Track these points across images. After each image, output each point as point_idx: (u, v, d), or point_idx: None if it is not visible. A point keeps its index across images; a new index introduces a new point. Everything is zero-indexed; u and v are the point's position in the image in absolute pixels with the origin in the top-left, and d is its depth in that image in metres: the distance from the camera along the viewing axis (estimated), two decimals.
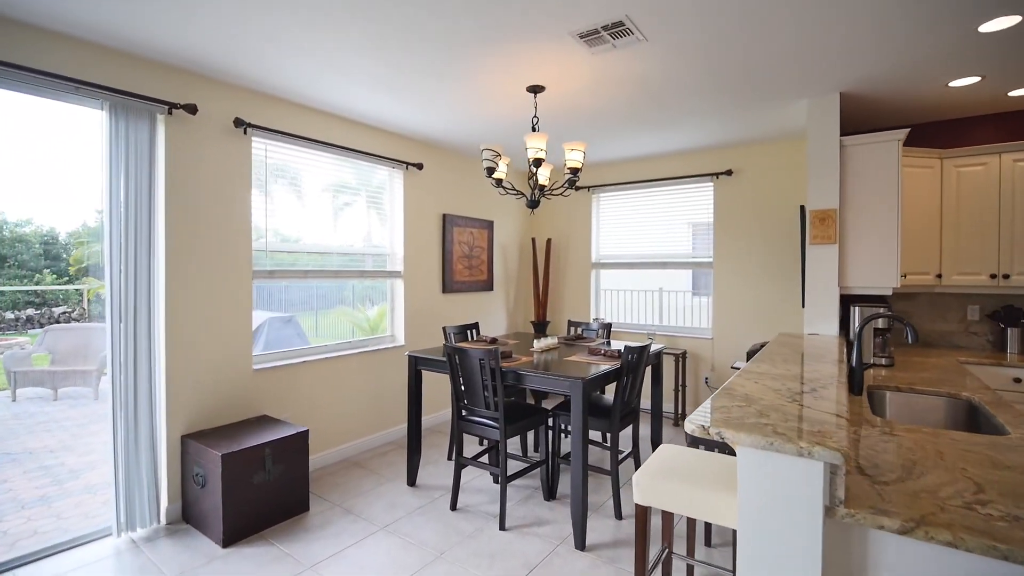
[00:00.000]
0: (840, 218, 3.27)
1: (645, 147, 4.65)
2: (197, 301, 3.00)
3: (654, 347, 3.70)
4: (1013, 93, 3.22)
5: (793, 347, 2.77)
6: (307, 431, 3.03)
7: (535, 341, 3.51)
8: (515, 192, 3.23)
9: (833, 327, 3.30)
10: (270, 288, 3.76)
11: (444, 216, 4.71)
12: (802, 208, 3.48)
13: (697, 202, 4.90)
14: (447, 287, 4.74)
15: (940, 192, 3.55)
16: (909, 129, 3.08)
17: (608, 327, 4.17)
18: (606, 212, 5.48)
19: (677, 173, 4.94)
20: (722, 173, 4.66)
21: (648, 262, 5.24)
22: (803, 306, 3.49)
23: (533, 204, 3.08)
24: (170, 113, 2.84)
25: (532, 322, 5.59)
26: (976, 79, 2.98)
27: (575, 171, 2.96)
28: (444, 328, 3.88)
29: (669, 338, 5.05)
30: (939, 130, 3.79)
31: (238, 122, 3.12)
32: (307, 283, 3.85)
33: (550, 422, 3.31)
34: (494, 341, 3.77)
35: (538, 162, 2.87)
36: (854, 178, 3.26)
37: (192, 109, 2.89)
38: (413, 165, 4.32)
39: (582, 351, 3.45)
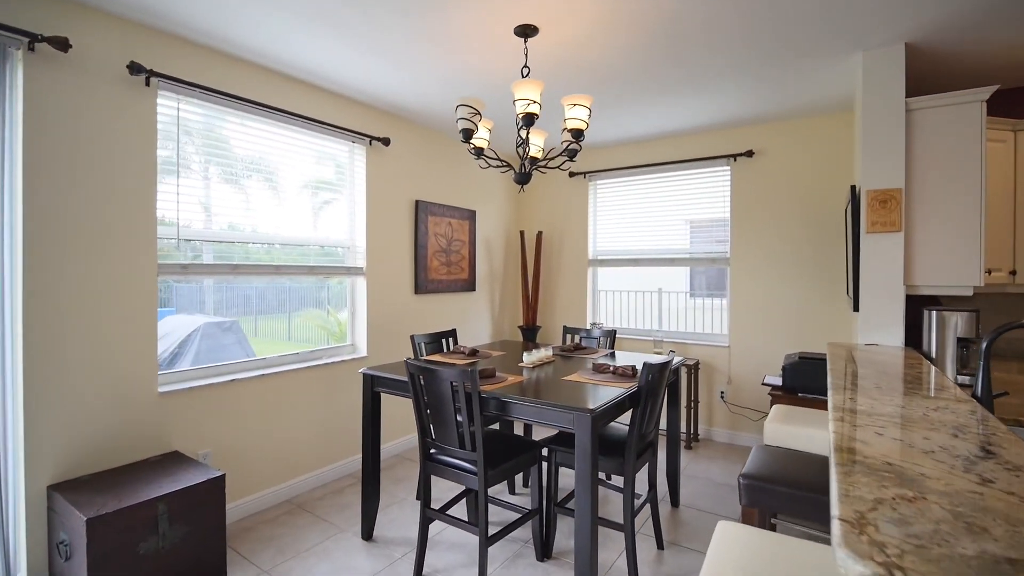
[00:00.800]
0: (905, 200, 2.62)
1: (653, 124, 3.98)
2: (72, 304, 2.23)
3: (675, 360, 3.02)
4: None
5: (873, 365, 2.09)
6: (222, 476, 2.27)
7: (525, 354, 2.80)
8: (500, 163, 2.51)
9: (898, 336, 2.64)
10: (223, 288, 3.02)
11: (417, 203, 3.99)
12: (853, 188, 2.83)
13: (711, 189, 4.24)
14: (420, 287, 4.01)
15: (1014, 171, 2.92)
16: (997, 87, 2.44)
17: (612, 335, 3.48)
18: (605, 202, 4.80)
19: (688, 155, 4.28)
20: (741, 154, 4.00)
21: (654, 258, 4.56)
22: (855, 309, 2.84)
23: (523, 179, 2.38)
24: (31, 49, 2.08)
25: (520, 327, 4.88)
26: None
27: (578, 134, 2.26)
28: (412, 338, 3.15)
29: (679, 346, 4.37)
30: (1018, 97, 3.15)
31: (135, 68, 2.37)
32: (253, 281, 3.10)
33: (544, 456, 2.60)
34: (474, 353, 3.06)
35: (530, 119, 2.16)
36: (923, 150, 2.61)
37: (62, 44, 2.13)
38: (378, 140, 3.59)
39: (583, 366, 2.76)
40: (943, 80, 3.05)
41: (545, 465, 3.05)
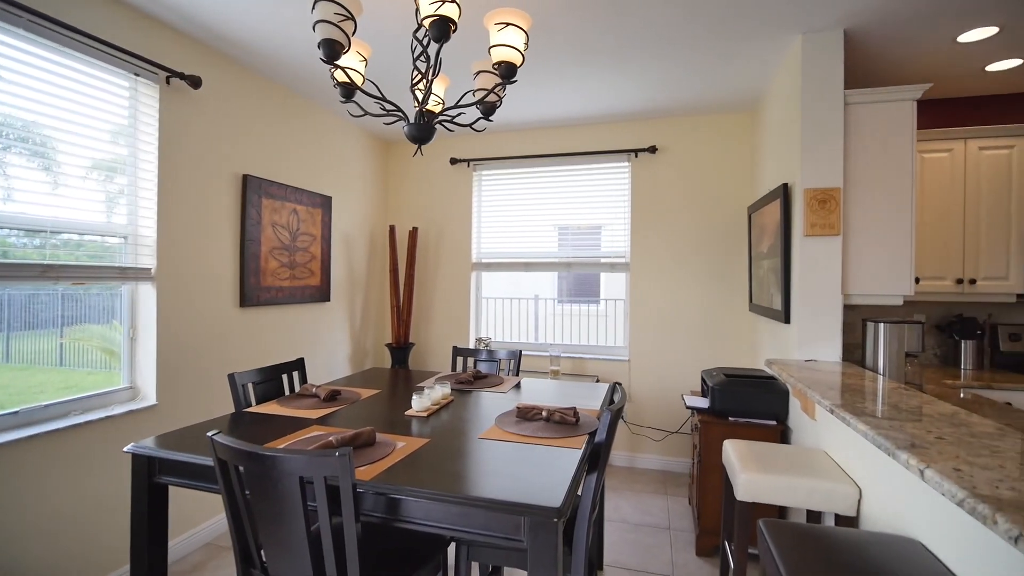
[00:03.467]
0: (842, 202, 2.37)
1: (550, 110, 3.39)
2: None
3: (599, 383, 2.42)
4: (991, 67, 2.69)
5: (825, 383, 1.68)
6: None
7: (414, 397, 1.93)
8: (385, 110, 1.63)
9: (836, 351, 2.38)
10: None
11: (246, 179, 2.83)
12: (785, 187, 2.55)
13: (610, 186, 3.82)
14: (249, 297, 2.85)
15: (964, 180, 2.91)
16: (931, 84, 2.30)
17: (518, 357, 2.77)
18: (493, 195, 4.11)
19: (586, 148, 3.80)
20: (643, 150, 3.64)
21: (547, 262, 3.99)
22: (786, 321, 2.54)
23: (420, 133, 1.53)
24: None
25: (389, 346, 3.93)
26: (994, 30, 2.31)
27: (508, 72, 1.49)
28: (233, 379, 2.05)
29: (576, 362, 3.86)
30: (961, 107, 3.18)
31: None
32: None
33: (451, 557, 1.77)
34: (334, 397, 2.09)
35: (442, 29, 1.33)
36: (858, 149, 2.40)
37: None
38: (181, 77, 2.39)
39: (499, 409, 1.99)
40: (883, 79, 2.92)
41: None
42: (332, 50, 1.38)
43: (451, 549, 2.47)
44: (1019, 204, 2.76)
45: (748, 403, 2.55)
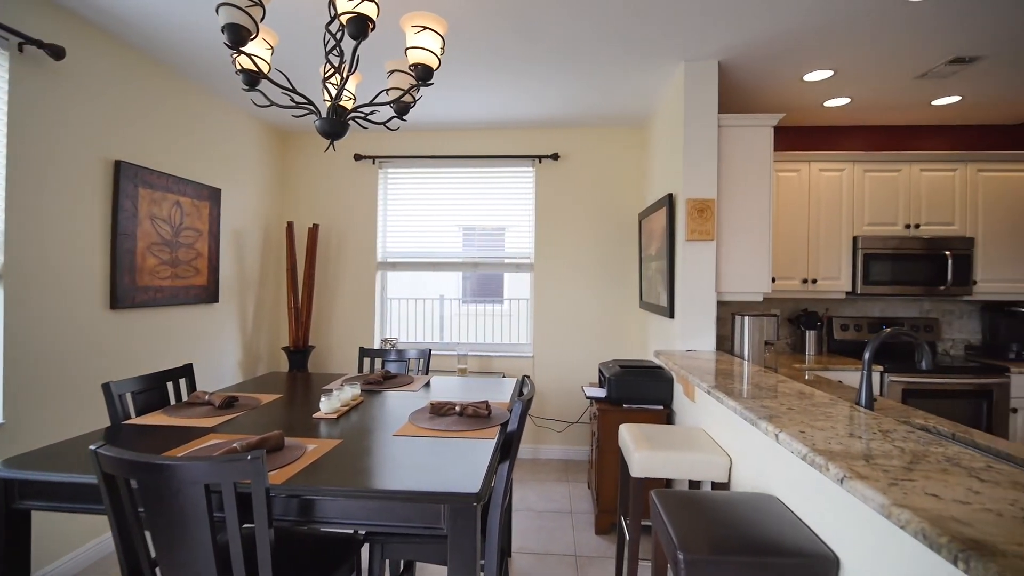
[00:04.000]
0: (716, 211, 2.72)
1: (459, 112, 3.45)
2: None
3: (505, 379, 2.52)
4: (828, 103, 3.24)
5: (703, 369, 1.95)
6: None
7: (323, 398, 1.88)
8: (296, 102, 1.57)
9: (710, 341, 2.72)
10: None
11: (118, 166, 2.52)
12: (670, 197, 2.85)
13: (515, 190, 3.97)
14: (122, 297, 2.55)
15: (808, 196, 3.40)
16: (783, 115, 2.72)
17: (427, 356, 2.79)
18: (399, 194, 4.05)
19: (494, 151, 3.91)
20: (547, 156, 3.83)
21: (454, 262, 4.04)
22: (670, 316, 2.85)
23: (333, 128, 1.51)
24: None
25: (286, 350, 3.72)
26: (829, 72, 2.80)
27: (425, 74, 1.52)
28: (108, 388, 1.84)
29: (483, 360, 3.95)
30: (806, 135, 3.74)
31: None
32: None
33: (365, 554, 1.75)
34: (231, 404, 1.96)
35: (360, 27, 1.33)
36: (727, 166, 2.76)
37: None
38: (39, 45, 2.08)
39: (412, 407, 2.01)
40: (752, 107, 3.35)
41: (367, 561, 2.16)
42: (238, 35, 1.32)
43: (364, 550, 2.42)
44: (848, 217, 3.35)
45: (640, 390, 2.81)
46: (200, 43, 2.54)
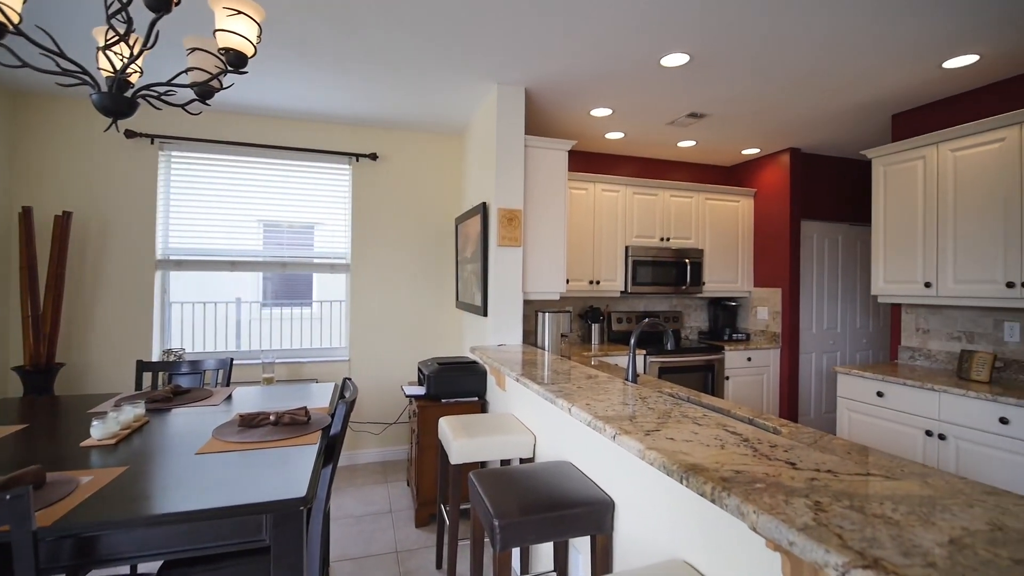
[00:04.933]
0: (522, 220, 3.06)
1: (267, 96, 3.18)
2: None
3: (319, 384, 2.43)
4: (608, 135, 3.91)
5: (512, 361, 2.25)
6: None
7: (95, 422, 1.58)
8: (69, 66, 1.29)
9: (518, 336, 3.05)
10: None
11: None
12: (484, 205, 3.10)
13: (329, 188, 3.81)
14: None
15: (593, 211, 3.94)
16: (575, 142, 3.20)
17: (229, 365, 2.52)
18: (186, 182, 3.52)
19: (306, 144, 3.68)
20: (365, 156, 3.78)
21: (257, 261, 3.69)
22: (484, 314, 3.10)
23: (114, 104, 1.29)
24: None
25: (20, 370, 2.92)
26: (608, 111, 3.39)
27: (238, 61, 1.42)
28: None
29: (292, 366, 3.69)
30: (594, 159, 4.26)
31: None
32: None
33: None
34: None
35: (162, 1, 1.18)
36: (534, 181, 3.13)
37: None
38: None
39: (214, 422, 1.82)
40: (555, 132, 3.79)
41: None
42: None
43: None
44: (622, 230, 4.07)
45: (457, 385, 2.99)
46: None
